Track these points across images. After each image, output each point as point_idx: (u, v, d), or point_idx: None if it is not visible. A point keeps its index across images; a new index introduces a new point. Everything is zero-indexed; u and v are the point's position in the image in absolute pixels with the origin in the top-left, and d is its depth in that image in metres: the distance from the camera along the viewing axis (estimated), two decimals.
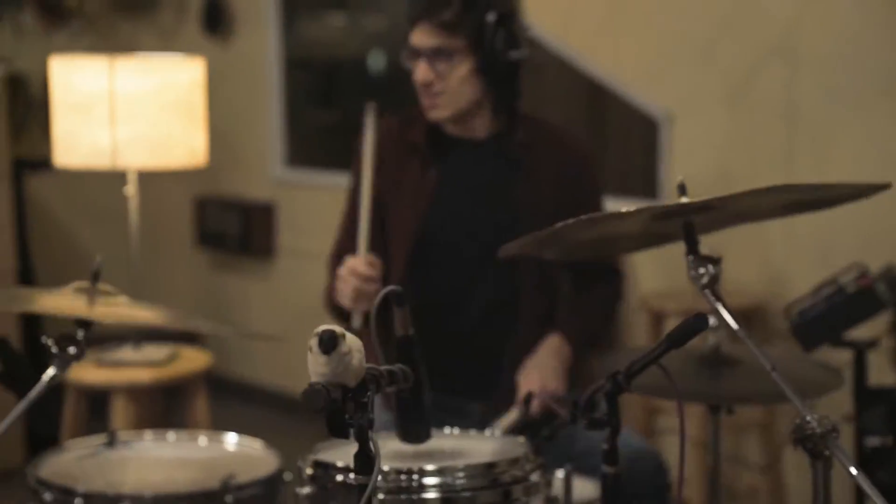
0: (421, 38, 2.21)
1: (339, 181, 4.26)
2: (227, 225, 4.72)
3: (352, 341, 1.15)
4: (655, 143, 3.57)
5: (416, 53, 2.22)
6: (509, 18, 2.21)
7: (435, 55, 2.20)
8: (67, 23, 4.56)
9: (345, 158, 2.77)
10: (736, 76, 3.40)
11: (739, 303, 3.18)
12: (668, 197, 3.50)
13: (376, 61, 4.57)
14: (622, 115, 3.79)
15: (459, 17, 2.18)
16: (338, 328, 1.15)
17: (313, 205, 4.50)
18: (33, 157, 4.27)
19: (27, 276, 4.06)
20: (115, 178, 3.00)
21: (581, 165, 2.34)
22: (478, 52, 2.19)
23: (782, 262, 3.35)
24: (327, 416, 1.14)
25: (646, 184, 3.67)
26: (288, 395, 4.54)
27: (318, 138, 4.84)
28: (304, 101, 4.77)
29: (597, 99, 3.84)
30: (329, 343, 1.12)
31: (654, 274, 3.52)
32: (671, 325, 3.28)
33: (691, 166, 3.43)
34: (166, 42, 4.83)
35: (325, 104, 4.91)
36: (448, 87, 2.22)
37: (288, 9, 4.64)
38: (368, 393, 1.18)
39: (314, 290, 2.40)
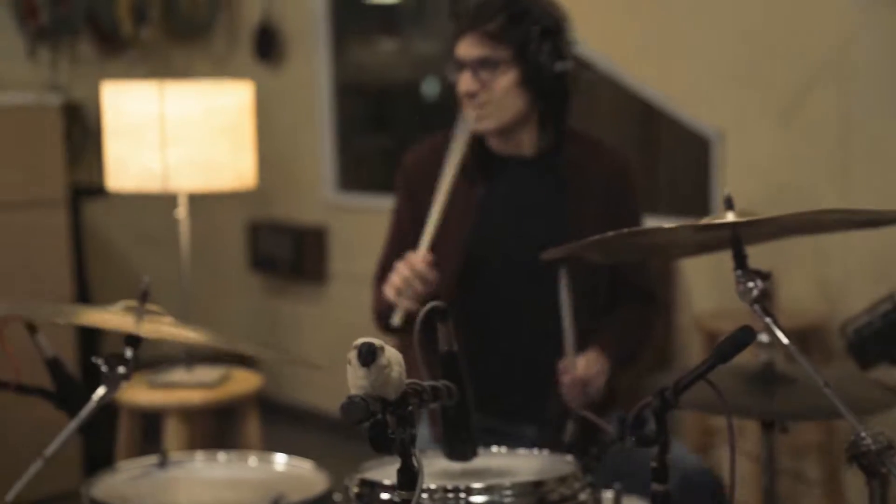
0: (466, 48, 2.21)
1: (390, 205, 4.27)
2: (280, 249, 4.75)
3: (391, 354, 1.14)
4: (707, 162, 3.54)
5: (461, 64, 2.22)
6: (555, 30, 2.20)
7: (479, 65, 2.20)
8: (123, 51, 4.64)
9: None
10: (788, 93, 3.37)
11: (796, 323, 3.13)
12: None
13: (430, 87, 4.59)
14: (674, 134, 3.77)
15: (505, 27, 2.18)
16: (377, 341, 1.14)
17: (365, 228, 4.51)
18: (90, 184, 4.35)
19: (83, 302, 4.12)
20: (167, 202, 3.04)
21: (625, 182, 2.32)
22: (522, 63, 2.18)
23: (840, 279, 3.29)
24: (369, 430, 1.13)
25: (698, 202, 3.64)
26: (338, 418, 4.53)
27: (369, 162, 4.86)
28: (355, 125, 4.80)
29: (648, 118, 3.82)
30: (368, 355, 1.12)
31: (708, 293, 3.49)
32: None
33: (744, 184, 3.40)
34: (219, 69, 4.89)
35: (376, 129, 4.94)
36: (492, 98, 2.21)
37: (339, 34, 4.68)
38: (410, 407, 1.17)
39: (366, 314, 2.40)
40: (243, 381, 2.96)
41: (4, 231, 3.77)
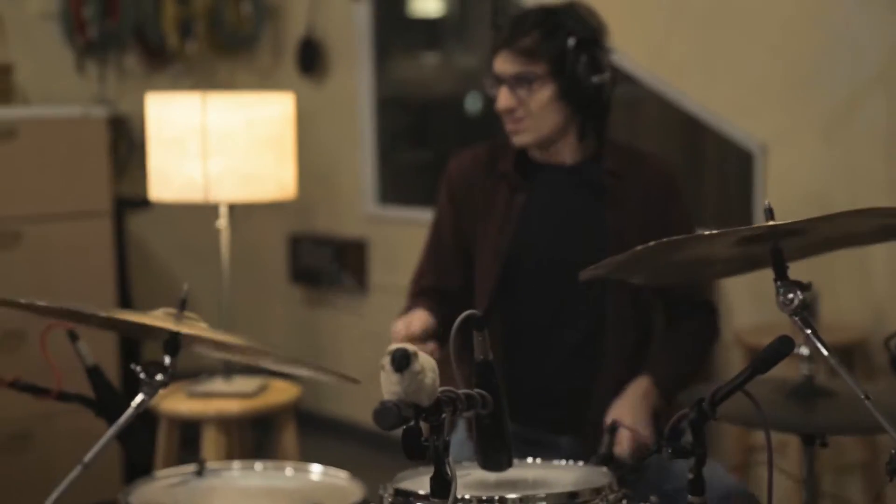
0: (502, 65, 2.22)
1: (429, 218, 4.28)
2: (321, 261, 4.77)
3: (425, 360, 1.14)
4: (751, 175, 3.52)
5: (499, 80, 2.23)
6: (590, 43, 2.19)
7: (516, 81, 2.21)
8: (169, 65, 4.70)
9: (435, 196, 2.79)
10: (834, 107, 3.33)
11: (840, 337, 3.09)
12: None
13: (473, 102, 4.60)
14: (717, 147, 3.75)
15: (539, 43, 2.18)
16: (411, 347, 1.14)
17: (405, 242, 4.52)
18: (134, 196, 4.39)
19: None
20: (210, 214, 3.06)
21: (668, 190, 2.30)
22: (559, 77, 2.19)
23: (884, 294, 3.25)
24: (402, 436, 1.13)
25: (742, 216, 3.61)
26: (377, 431, 4.53)
27: (410, 176, 4.88)
28: (396, 139, 4.82)
29: (691, 132, 3.80)
30: (402, 361, 1.12)
31: (750, 309, 3.45)
32: None
33: (787, 198, 3.36)
34: (263, 81, 4.93)
35: (418, 142, 4.95)
36: (530, 113, 2.21)
37: (382, 48, 4.71)
38: (443, 415, 1.17)
39: None
40: (281, 392, 2.98)
41: (50, 242, 3.82)
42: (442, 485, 1.18)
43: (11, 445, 3.74)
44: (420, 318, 2.17)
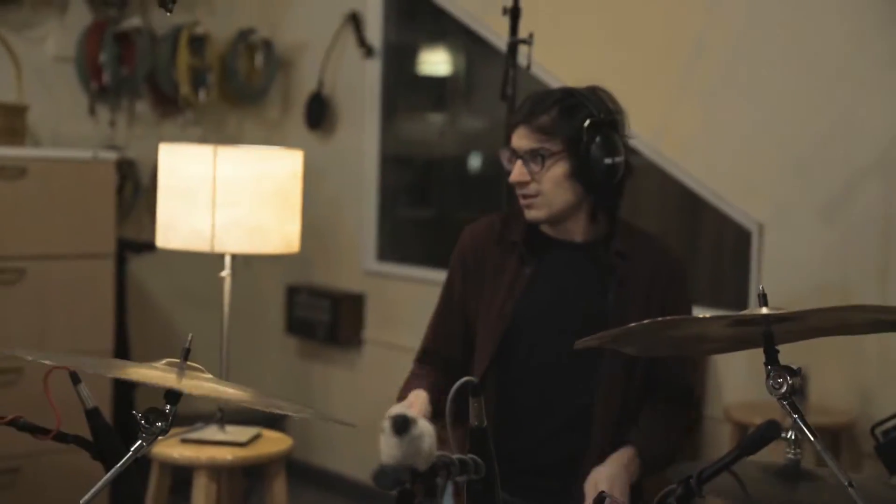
0: (519, 140, 2.27)
1: (428, 276, 4.35)
2: (317, 313, 4.80)
3: (424, 426, 1.18)
4: (748, 254, 3.56)
5: (515, 154, 2.28)
6: (606, 125, 2.24)
7: (531, 156, 2.25)
8: (180, 113, 4.77)
9: (436, 255, 2.84)
10: (832, 190, 3.39)
11: (827, 421, 3.11)
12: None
13: (474, 161, 4.67)
14: (715, 223, 3.80)
15: (557, 121, 2.23)
16: (411, 412, 1.17)
17: (402, 298, 4.56)
18: (137, 239, 4.43)
19: (122, 353, 4.18)
20: (211, 261, 3.10)
21: (673, 279, 2.33)
22: (573, 156, 2.23)
23: (875, 380, 3.28)
24: (396, 498, 1.16)
25: (737, 294, 3.65)
26: (365, 486, 4.54)
27: (410, 233, 4.93)
28: (399, 196, 4.88)
29: (690, 206, 3.85)
30: (402, 426, 1.15)
31: (740, 386, 3.48)
32: None
33: (783, 278, 3.41)
34: (270, 134, 5.00)
35: (419, 201, 5.01)
36: (542, 189, 2.26)
37: (388, 108, 4.78)
38: (438, 479, 1.20)
39: (398, 381, 2.44)
40: (274, 442, 2.99)
41: (53, 279, 3.86)
42: None
43: (0, 481, 3.74)
44: (418, 406, 2.21)
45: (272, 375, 5.04)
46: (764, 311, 1.57)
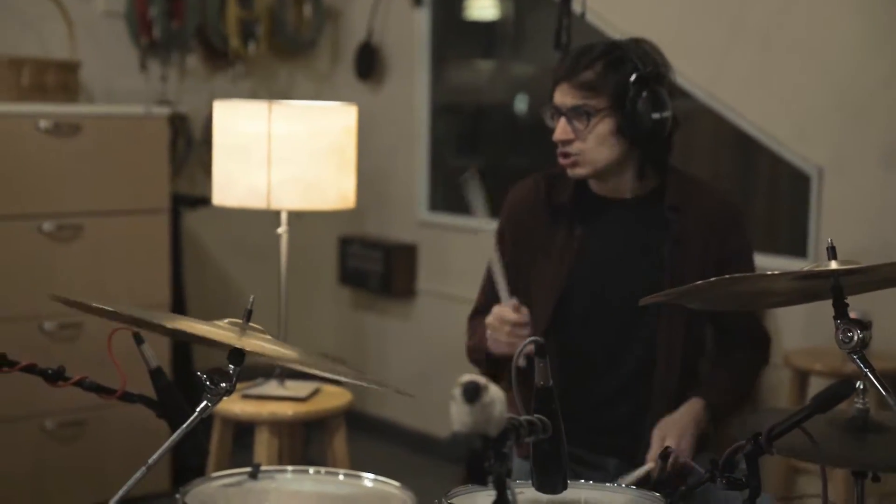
0: (562, 97, 2.23)
1: (478, 225, 4.30)
2: (370, 265, 4.82)
3: (495, 392, 1.18)
4: (806, 200, 3.51)
5: (558, 111, 2.24)
6: (653, 79, 2.19)
7: (575, 114, 2.21)
8: (230, 66, 4.76)
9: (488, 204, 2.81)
10: (892, 134, 3.32)
11: (887, 365, 3.08)
12: (817, 256, 3.43)
13: (520, 104, 4.62)
14: (772, 169, 3.74)
15: (601, 77, 2.18)
16: (481, 379, 1.17)
17: (454, 248, 4.56)
18: (191, 194, 4.46)
19: (180, 309, 4.22)
20: (265, 217, 3.11)
21: (730, 225, 2.30)
22: (618, 112, 2.19)
23: None
24: (469, 463, 1.16)
25: (794, 241, 3.60)
26: (421, 435, 4.59)
27: (461, 183, 4.90)
28: (449, 145, 4.85)
29: (747, 152, 3.80)
30: (473, 393, 1.15)
31: (800, 332, 3.45)
32: (816, 384, 3.22)
33: (842, 225, 3.35)
34: (320, 86, 4.99)
35: (469, 149, 4.98)
36: (586, 146, 2.22)
37: (437, 56, 4.74)
38: (508, 442, 1.20)
39: (452, 332, 2.45)
40: (334, 397, 3.02)
41: (109, 236, 3.90)
42: None
43: (64, 435, 3.82)
44: (511, 309, 2.19)
45: (326, 327, 5.07)
46: (833, 265, 1.55)
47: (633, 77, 2.17)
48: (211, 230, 4.76)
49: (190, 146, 4.65)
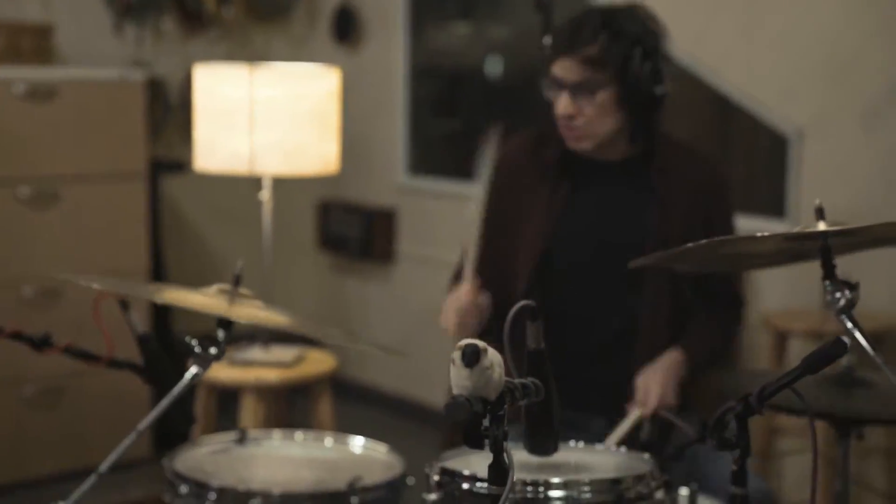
0: (564, 70, 2.20)
1: (458, 190, 4.34)
2: (350, 229, 4.81)
3: (493, 356, 1.18)
4: (785, 161, 3.52)
5: (559, 85, 2.22)
6: (655, 52, 2.19)
7: (578, 88, 2.19)
8: (205, 30, 4.71)
9: (465, 167, 2.81)
10: (874, 96, 3.32)
11: (870, 325, 3.10)
12: (796, 216, 3.45)
13: (494, 67, 4.60)
14: (751, 131, 3.74)
15: (605, 51, 2.16)
16: (481, 343, 1.18)
17: (434, 212, 4.55)
18: (169, 159, 4.42)
19: (159, 274, 4.20)
20: (246, 182, 3.09)
21: (715, 191, 2.32)
22: (621, 83, 2.18)
23: None
24: (466, 427, 1.17)
25: (773, 202, 3.61)
26: (407, 400, 4.60)
27: (439, 146, 4.89)
28: (427, 109, 4.83)
29: (726, 114, 3.80)
30: (472, 357, 1.15)
31: (779, 292, 3.47)
32: (795, 345, 3.25)
33: (821, 186, 3.37)
34: (297, 50, 4.94)
35: (447, 112, 4.96)
36: (589, 120, 2.21)
37: (415, 18, 4.71)
38: (505, 406, 1.21)
39: (432, 297, 2.44)
40: (318, 362, 3.02)
41: (86, 201, 3.86)
42: (500, 472, 1.22)
43: (43, 401, 3.80)
44: (466, 293, 2.18)
45: (306, 292, 5.07)
46: (822, 226, 1.56)
47: (637, 50, 2.16)
48: (191, 196, 4.73)
49: (167, 111, 4.61)
